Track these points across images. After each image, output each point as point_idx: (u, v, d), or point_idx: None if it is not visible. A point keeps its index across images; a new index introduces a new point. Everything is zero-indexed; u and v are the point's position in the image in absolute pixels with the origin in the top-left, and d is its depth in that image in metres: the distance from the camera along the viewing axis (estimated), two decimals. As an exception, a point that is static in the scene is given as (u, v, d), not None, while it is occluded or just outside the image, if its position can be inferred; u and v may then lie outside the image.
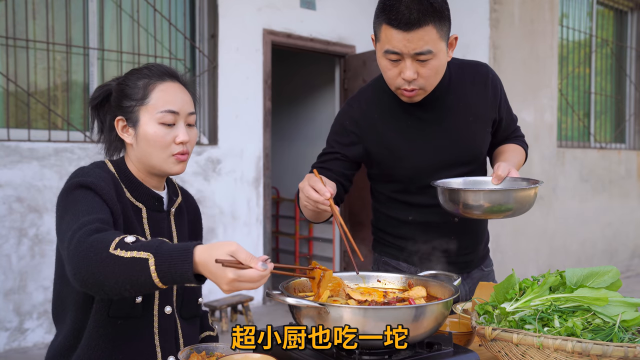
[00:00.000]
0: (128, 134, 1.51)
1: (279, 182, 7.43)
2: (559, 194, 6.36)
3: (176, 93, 1.52)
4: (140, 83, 1.50)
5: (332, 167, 1.83)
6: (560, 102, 6.71)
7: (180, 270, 1.17)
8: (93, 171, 1.45)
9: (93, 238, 1.24)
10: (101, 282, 1.21)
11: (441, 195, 1.66)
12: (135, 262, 1.18)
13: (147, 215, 1.53)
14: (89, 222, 1.29)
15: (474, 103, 1.84)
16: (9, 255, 4.06)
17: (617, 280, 1.29)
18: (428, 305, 1.21)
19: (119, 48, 4.66)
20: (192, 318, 1.62)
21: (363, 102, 1.86)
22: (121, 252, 1.20)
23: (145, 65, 1.56)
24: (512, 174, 1.66)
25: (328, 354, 1.23)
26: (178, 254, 1.18)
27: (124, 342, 1.47)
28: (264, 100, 5.43)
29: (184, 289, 1.57)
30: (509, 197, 1.58)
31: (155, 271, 1.17)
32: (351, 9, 5.94)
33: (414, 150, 1.80)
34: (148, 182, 1.55)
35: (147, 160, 1.50)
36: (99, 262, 1.20)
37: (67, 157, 4.27)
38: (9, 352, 4.04)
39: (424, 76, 1.66)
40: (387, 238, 1.94)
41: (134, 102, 1.49)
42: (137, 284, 1.20)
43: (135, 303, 1.45)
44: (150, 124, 1.48)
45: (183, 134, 1.49)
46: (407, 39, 1.59)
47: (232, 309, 4.93)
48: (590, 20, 7.22)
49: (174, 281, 1.19)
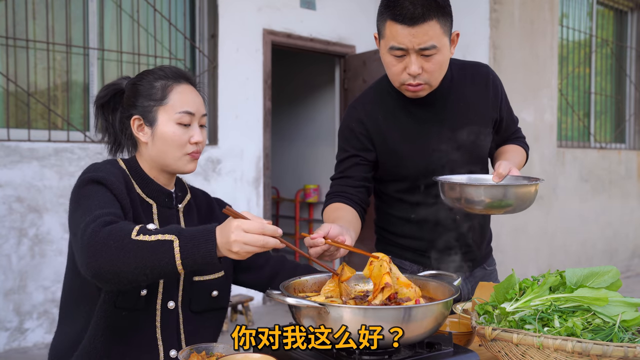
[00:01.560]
0: (144, 133, 1.57)
1: (279, 182, 7.43)
2: (559, 194, 6.36)
3: (192, 95, 1.58)
4: (158, 84, 1.56)
5: (353, 174, 1.84)
6: (560, 102, 6.71)
7: (204, 250, 1.23)
8: (105, 167, 1.51)
9: (110, 228, 1.28)
10: (119, 269, 1.25)
11: (442, 190, 1.67)
12: (160, 244, 1.24)
13: (158, 211, 1.57)
14: (103, 215, 1.33)
15: (475, 103, 1.85)
16: (9, 255, 4.06)
17: (617, 280, 1.29)
18: (428, 305, 1.21)
19: (119, 48, 4.66)
20: (206, 312, 1.63)
21: (367, 104, 1.88)
22: (145, 237, 1.25)
23: (159, 67, 1.61)
24: (513, 172, 1.67)
25: (328, 354, 1.23)
26: (201, 235, 1.25)
27: (127, 333, 1.50)
28: (264, 100, 5.43)
29: (191, 283, 1.58)
30: (510, 192, 1.59)
31: (180, 252, 1.23)
32: (351, 8, 5.94)
33: (416, 150, 1.82)
34: (159, 180, 1.60)
35: (162, 158, 1.56)
36: (120, 248, 1.25)
37: (67, 157, 4.27)
38: (9, 352, 4.04)
39: (428, 71, 1.68)
40: (390, 237, 1.96)
41: (152, 102, 1.55)
42: (157, 268, 1.25)
43: (140, 295, 1.48)
44: (169, 124, 1.54)
45: (198, 134, 1.56)
46: (412, 34, 1.62)
47: (232, 309, 4.94)
48: (590, 20, 7.22)
49: (195, 263, 1.24)
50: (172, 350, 1.54)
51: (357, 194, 1.82)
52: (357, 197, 1.81)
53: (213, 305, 1.64)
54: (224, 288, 1.66)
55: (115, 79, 1.68)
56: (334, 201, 1.81)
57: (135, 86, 1.58)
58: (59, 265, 4.21)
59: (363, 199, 1.83)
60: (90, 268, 1.27)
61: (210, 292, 1.62)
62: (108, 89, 1.63)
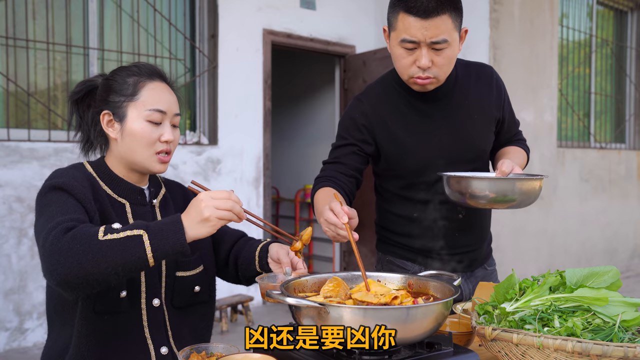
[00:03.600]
0: (113, 129, 1.54)
1: (279, 182, 7.43)
2: (559, 194, 6.36)
3: (165, 93, 1.56)
4: (130, 80, 1.54)
5: (347, 161, 1.84)
6: (560, 102, 6.71)
7: (174, 239, 1.25)
8: (67, 172, 1.48)
9: (73, 232, 1.27)
10: (87, 272, 1.24)
11: (447, 184, 1.68)
12: (129, 240, 1.25)
13: (132, 209, 1.56)
14: (65, 221, 1.32)
15: (478, 101, 1.87)
16: (9, 255, 4.06)
17: (617, 280, 1.29)
18: (428, 305, 1.21)
19: (119, 48, 4.66)
20: (188, 307, 1.62)
21: (373, 97, 1.89)
22: (112, 235, 1.25)
23: (134, 63, 1.60)
24: (515, 170, 1.67)
25: (328, 354, 1.23)
26: (168, 226, 1.27)
27: (113, 337, 1.48)
28: (264, 100, 5.43)
29: (174, 279, 1.58)
30: (514, 186, 1.60)
31: (150, 245, 1.25)
32: (351, 8, 5.94)
33: (420, 145, 1.83)
34: (130, 179, 1.59)
35: (131, 156, 1.54)
36: (87, 251, 1.24)
37: (67, 157, 4.27)
38: (9, 352, 4.04)
39: (438, 65, 1.70)
40: (392, 236, 1.96)
41: (122, 98, 1.53)
42: (129, 264, 1.25)
43: (119, 297, 1.47)
44: (138, 120, 1.52)
45: (168, 133, 1.54)
46: (425, 26, 1.63)
47: (232, 309, 4.94)
48: (590, 20, 7.22)
49: (166, 254, 1.26)
50: (163, 347, 1.53)
51: (347, 182, 1.81)
52: (347, 187, 1.81)
53: (196, 300, 1.63)
54: (206, 282, 1.66)
55: (92, 76, 1.66)
56: (325, 185, 1.79)
57: (107, 81, 1.57)
58: (59, 265, 4.20)
59: (351, 190, 1.83)
60: (54, 275, 1.25)
61: (193, 287, 1.62)
62: (83, 85, 1.62)
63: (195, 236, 1.29)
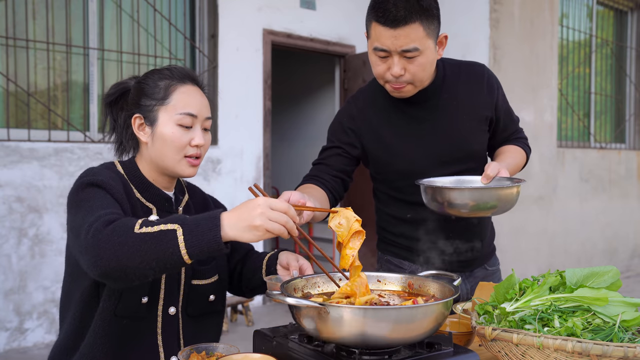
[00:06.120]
0: (144, 133, 1.54)
1: (279, 182, 7.43)
2: (559, 194, 6.36)
3: (196, 97, 1.55)
4: (162, 83, 1.53)
5: (332, 162, 1.87)
6: (560, 102, 6.71)
7: (209, 237, 1.19)
8: (102, 171, 1.47)
9: (113, 225, 1.25)
10: (125, 265, 1.21)
11: (424, 193, 1.68)
12: (163, 235, 1.20)
13: (158, 215, 1.55)
14: (105, 214, 1.30)
15: (467, 101, 1.86)
16: (9, 255, 4.06)
17: (617, 280, 1.29)
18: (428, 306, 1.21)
19: (119, 48, 4.66)
20: (201, 316, 1.62)
21: (361, 100, 1.91)
22: (147, 229, 1.22)
23: (167, 66, 1.59)
24: (501, 173, 1.67)
25: (328, 354, 1.22)
26: (206, 221, 1.21)
27: (127, 341, 1.48)
28: (264, 100, 5.43)
29: (190, 287, 1.58)
30: (490, 195, 1.60)
31: (184, 240, 1.19)
32: (351, 9, 5.94)
33: (407, 147, 1.84)
34: (159, 183, 1.58)
35: (161, 160, 1.53)
36: (123, 244, 1.21)
37: (67, 157, 4.27)
38: (9, 352, 4.04)
39: (411, 72, 1.70)
40: (389, 236, 1.97)
41: (153, 102, 1.52)
42: (163, 260, 1.21)
43: (141, 303, 1.47)
44: (169, 124, 1.50)
45: (199, 137, 1.52)
46: (394, 35, 1.64)
47: (232, 309, 4.94)
48: (590, 20, 7.22)
49: (202, 251, 1.20)
50: (173, 358, 1.52)
51: (331, 180, 1.84)
52: (330, 184, 1.83)
53: (210, 309, 1.63)
54: (220, 292, 1.66)
55: (125, 78, 1.65)
56: (306, 182, 1.83)
57: (139, 85, 1.56)
58: (59, 265, 4.20)
59: (336, 188, 1.85)
60: (96, 268, 1.23)
61: (208, 296, 1.61)
62: (117, 88, 1.62)
63: (235, 237, 1.22)
